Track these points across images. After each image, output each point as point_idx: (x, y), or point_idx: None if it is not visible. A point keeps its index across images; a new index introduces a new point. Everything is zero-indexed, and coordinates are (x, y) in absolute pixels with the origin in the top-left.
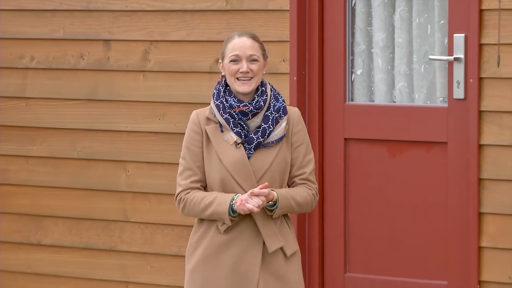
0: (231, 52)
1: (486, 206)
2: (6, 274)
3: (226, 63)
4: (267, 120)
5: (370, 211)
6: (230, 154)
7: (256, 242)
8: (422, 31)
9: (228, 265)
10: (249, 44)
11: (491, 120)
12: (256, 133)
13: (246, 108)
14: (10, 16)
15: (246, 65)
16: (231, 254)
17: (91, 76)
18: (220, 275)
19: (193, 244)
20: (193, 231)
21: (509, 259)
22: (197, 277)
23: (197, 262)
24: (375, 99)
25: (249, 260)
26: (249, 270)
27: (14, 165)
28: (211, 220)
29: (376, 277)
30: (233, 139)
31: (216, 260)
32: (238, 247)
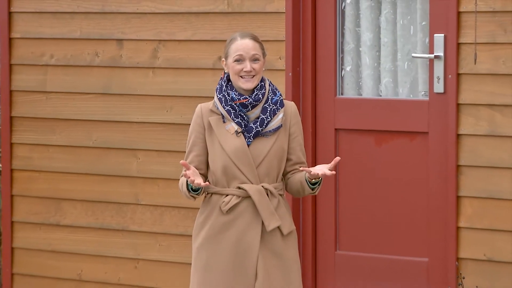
0: (235, 52)
1: (463, 190)
2: (28, 251)
3: (230, 62)
4: (265, 112)
5: (358, 194)
6: (232, 142)
7: (255, 222)
8: (405, 31)
9: (230, 243)
10: (251, 45)
11: (468, 112)
12: (255, 123)
13: (246, 101)
14: (32, 18)
15: (249, 65)
16: (233, 233)
17: (105, 72)
18: (223, 252)
19: (199, 225)
20: (199, 214)
21: (484, 238)
22: (203, 254)
23: (203, 241)
24: (363, 93)
25: (249, 239)
26: (249, 247)
27: (35, 153)
28: (215, 201)
29: (364, 254)
30: (234, 128)
31: (219, 238)
32: (239, 226)
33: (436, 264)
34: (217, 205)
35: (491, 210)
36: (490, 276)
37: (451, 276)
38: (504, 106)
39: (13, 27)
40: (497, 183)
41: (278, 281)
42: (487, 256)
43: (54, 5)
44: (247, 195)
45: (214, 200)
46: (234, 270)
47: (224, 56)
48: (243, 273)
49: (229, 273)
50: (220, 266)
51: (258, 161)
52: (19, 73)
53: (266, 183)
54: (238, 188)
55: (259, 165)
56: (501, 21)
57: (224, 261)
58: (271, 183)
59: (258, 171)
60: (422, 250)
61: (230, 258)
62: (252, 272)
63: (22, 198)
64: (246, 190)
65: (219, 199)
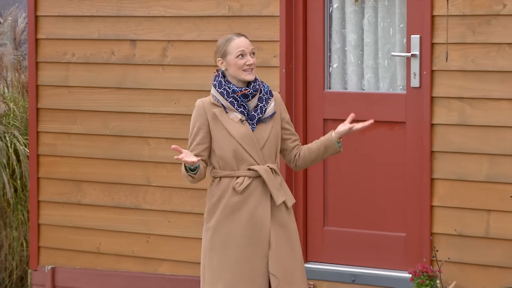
0: (236, 49)
1: (436, 173)
2: (53, 227)
3: (232, 58)
4: (261, 101)
5: (344, 176)
6: (238, 129)
7: (264, 199)
8: (386, 32)
9: (244, 219)
10: (248, 42)
11: (441, 104)
12: (256, 111)
13: (247, 91)
14: (55, 21)
15: (251, 59)
16: (246, 210)
17: (120, 69)
18: (239, 229)
19: (212, 206)
20: (209, 196)
21: (455, 216)
22: (221, 232)
23: (219, 220)
24: (348, 87)
25: (260, 214)
26: (261, 221)
27: (58, 140)
28: (226, 183)
29: (349, 230)
30: (238, 117)
31: (234, 217)
32: (251, 204)
33: (412, 238)
34: (229, 187)
35: (460, 191)
36: (460, 249)
37: (426, 249)
38: (473, 99)
39: (39, 29)
40: (466, 167)
41: (285, 249)
42: (457, 231)
43: (75, 10)
44: (256, 175)
45: (224, 183)
46: (250, 242)
47: (221, 55)
48: (258, 244)
49: (246, 246)
50: (238, 241)
51: (261, 144)
52: (44, 70)
53: (270, 163)
54: (249, 169)
55: (262, 147)
56: (469, 23)
57: (241, 236)
58: (272, 163)
59: (262, 153)
60: (400, 226)
61: (245, 233)
62: (266, 242)
63: (47, 180)
64: (257, 171)
65: (230, 181)
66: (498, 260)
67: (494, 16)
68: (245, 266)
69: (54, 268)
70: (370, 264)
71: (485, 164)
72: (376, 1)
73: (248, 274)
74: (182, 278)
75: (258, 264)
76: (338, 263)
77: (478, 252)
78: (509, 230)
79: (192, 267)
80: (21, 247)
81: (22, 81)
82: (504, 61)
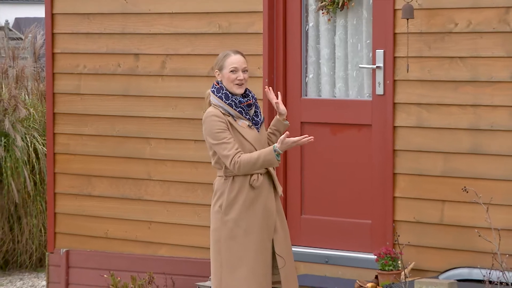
0: (230, 65)
1: (398, 169)
2: (67, 216)
3: (226, 72)
4: (257, 108)
5: (318, 171)
6: (250, 133)
7: (270, 191)
8: (354, 48)
9: (260, 210)
10: (242, 60)
11: (401, 109)
12: (257, 117)
13: (251, 102)
14: (69, 37)
15: (242, 75)
16: (261, 202)
17: (125, 79)
18: (256, 219)
19: (231, 201)
20: (228, 192)
21: (414, 205)
22: (242, 223)
23: (240, 212)
24: (322, 95)
25: (269, 204)
26: (270, 210)
27: (72, 140)
28: (241, 181)
29: (323, 217)
30: (246, 123)
31: (252, 209)
32: (263, 196)
33: (377, 225)
34: (245, 184)
35: (419, 184)
36: (418, 234)
37: (389, 234)
38: (429, 105)
39: (55, 44)
40: (423, 163)
41: (286, 233)
42: (416, 219)
43: (86, 28)
44: (265, 172)
45: (239, 180)
46: (263, 229)
47: (218, 68)
48: (268, 230)
49: (262, 233)
50: (256, 229)
51: (264, 144)
52: (60, 80)
53: None
54: None
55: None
56: (426, 40)
57: (258, 224)
58: None
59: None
60: (367, 214)
61: (261, 221)
62: (273, 228)
63: (62, 175)
64: (266, 168)
65: (245, 178)
66: (450, 244)
67: (447, 33)
68: (263, 251)
69: (68, 251)
70: (341, 247)
71: (440, 161)
72: (346, 21)
73: (264, 258)
74: (178, 259)
75: (268, 247)
76: (313, 246)
77: (434, 237)
78: (460, 218)
79: (188, 250)
80: (39, 233)
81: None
82: (455, 72)
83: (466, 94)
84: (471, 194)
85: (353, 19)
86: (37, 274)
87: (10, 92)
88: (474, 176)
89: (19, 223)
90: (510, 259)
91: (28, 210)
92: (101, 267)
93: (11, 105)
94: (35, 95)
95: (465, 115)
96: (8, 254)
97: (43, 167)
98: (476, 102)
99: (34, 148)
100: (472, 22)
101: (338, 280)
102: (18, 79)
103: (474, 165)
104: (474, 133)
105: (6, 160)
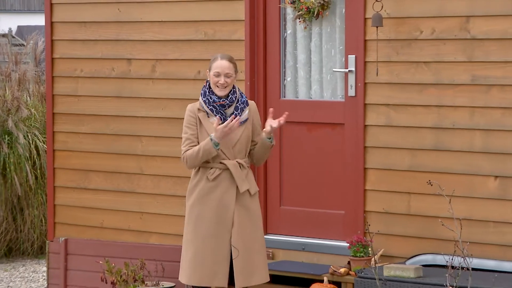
0: (214, 69)
1: (369, 164)
2: (65, 207)
3: (211, 74)
4: (237, 109)
5: (296, 166)
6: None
7: (231, 187)
8: (328, 53)
9: (215, 201)
10: (226, 66)
11: (372, 110)
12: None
13: (224, 102)
14: (67, 44)
15: (223, 79)
16: (217, 194)
17: (119, 82)
18: (210, 208)
19: (191, 189)
20: (190, 181)
21: (383, 197)
22: (195, 209)
23: (194, 200)
24: (299, 96)
25: (227, 198)
26: (227, 204)
27: (70, 138)
28: (202, 172)
29: (300, 208)
30: (216, 121)
31: (207, 198)
32: (221, 189)
33: (350, 215)
34: (204, 175)
35: (387, 178)
36: (387, 224)
37: (360, 224)
38: (397, 105)
39: (55, 50)
40: (391, 159)
41: (248, 227)
42: (385, 210)
43: (83, 35)
44: (226, 168)
45: (201, 171)
46: (217, 220)
47: (209, 68)
48: (224, 222)
49: (214, 223)
50: (208, 217)
51: (233, 143)
52: (59, 82)
53: (239, 159)
54: (220, 163)
55: (234, 146)
56: (394, 46)
57: (210, 214)
58: (242, 158)
59: (233, 150)
60: (341, 206)
61: (215, 212)
62: (230, 221)
63: (61, 170)
64: (225, 164)
65: (206, 170)
66: (416, 232)
67: (413, 40)
68: (211, 240)
69: (67, 239)
70: (316, 235)
71: (407, 156)
72: (321, 28)
73: (213, 246)
74: (167, 247)
75: (223, 238)
76: (291, 235)
77: (401, 226)
78: (425, 209)
79: (175, 239)
80: (40, 223)
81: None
82: (421, 75)
83: (430, 96)
84: (435, 187)
85: (327, 27)
86: (38, 260)
87: (13, 94)
88: (438, 171)
89: (21, 214)
90: (470, 246)
91: (30, 202)
92: (97, 254)
93: (14, 105)
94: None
95: (429, 115)
96: (11, 242)
97: (43, 163)
98: (439, 103)
99: (35, 145)
100: (436, 30)
101: (314, 266)
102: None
103: (437, 160)
104: (438, 131)
105: (9, 156)
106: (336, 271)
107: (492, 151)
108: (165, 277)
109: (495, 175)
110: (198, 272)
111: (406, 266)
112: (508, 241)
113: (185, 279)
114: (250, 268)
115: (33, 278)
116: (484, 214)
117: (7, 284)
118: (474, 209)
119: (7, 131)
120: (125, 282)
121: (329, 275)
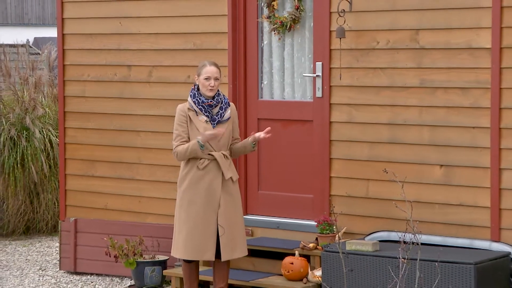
0: (205, 74)
1: (333, 154)
2: (75, 192)
3: (202, 79)
4: (222, 109)
5: (271, 156)
6: (204, 127)
7: (218, 175)
8: (299, 60)
9: (204, 188)
10: (215, 71)
11: (336, 109)
12: (217, 115)
13: (211, 103)
14: (77, 53)
15: (213, 82)
16: (206, 181)
17: (120, 85)
18: (200, 193)
19: (183, 176)
20: (182, 169)
21: (345, 183)
22: (187, 195)
23: (186, 187)
24: (274, 97)
25: (215, 185)
26: (215, 190)
27: (79, 133)
28: (192, 162)
29: (275, 193)
30: (204, 119)
31: (197, 185)
32: (209, 177)
33: (318, 198)
34: (194, 165)
35: (349, 166)
36: (349, 205)
37: (326, 206)
38: (357, 105)
39: (66, 57)
40: (353, 150)
41: (230, 209)
42: (347, 194)
43: (89, 45)
44: (213, 158)
45: (191, 162)
46: (207, 204)
47: (197, 74)
48: (212, 205)
49: (204, 206)
50: (199, 201)
51: (219, 138)
52: (69, 86)
53: (223, 151)
54: (209, 154)
55: (219, 140)
56: (355, 54)
57: (201, 198)
58: (225, 151)
59: (219, 144)
60: (310, 190)
61: (204, 197)
62: (217, 204)
63: (71, 160)
64: (213, 155)
65: (196, 161)
66: (373, 213)
67: (371, 49)
68: (202, 220)
69: (76, 219)
70: (289, 215)
71: (366, 148)
72: (292, 39)
73: (203, 224)
74: (162, 225)
75: (211, 218)
76: (267, 215)
77: (361, 207)
78: (382, 193)
79: (169, 219)
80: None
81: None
82: (378, 80)
83: (385, 97)
84: (390, 174)
85: (298, 38)
86: (52, 237)
87: (30, 95)
88: (392, 160)
89: (37, 198)
90: (419, 224)
91: (44, 187)
92: (102, 232)
93: (31, 105)
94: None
95: (385, 113)
96: (29, 222)
97: (56, 154)
98: (393, 103)
99: (49, 139)
100: (390, 41)
101: (287, 241)
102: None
103: (392, 152)
104: (392, 127)
105: (27, 148)
106: (305, 246)
107: (438, 144)
108: (160, 251)
109: (440, 164)
110: (190, 248)
111: (365, 242)
112: (451, 220)
113: (179, 254)
114: (233, 244)
115: (48, 252)
116: (431, 197)
117: (25, 257)
118: (423, 193)
119: (25, 127)
120: (126, 255)
121: (300, 249)
